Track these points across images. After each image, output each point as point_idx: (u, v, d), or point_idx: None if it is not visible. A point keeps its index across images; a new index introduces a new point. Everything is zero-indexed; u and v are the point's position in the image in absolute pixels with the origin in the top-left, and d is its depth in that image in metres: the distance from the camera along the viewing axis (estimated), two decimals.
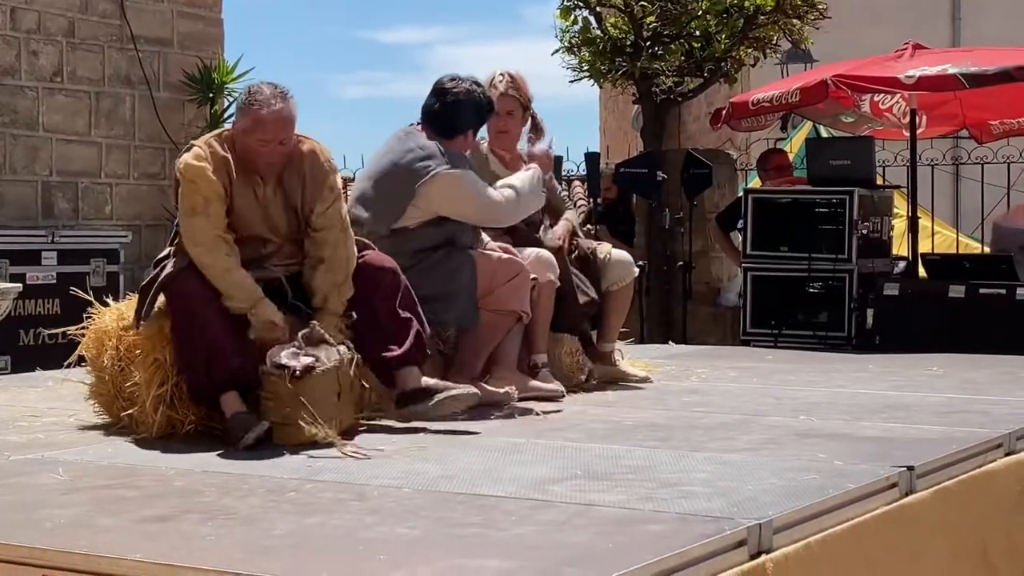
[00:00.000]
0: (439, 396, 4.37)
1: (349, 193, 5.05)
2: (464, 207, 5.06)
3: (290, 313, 4.39)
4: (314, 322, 4.30)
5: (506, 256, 5.13)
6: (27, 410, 4.96)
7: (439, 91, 5.19)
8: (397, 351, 4.42)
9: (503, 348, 5.16)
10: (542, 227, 5.64)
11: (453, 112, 5.15)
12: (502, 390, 4.95)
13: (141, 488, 3.52)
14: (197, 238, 4.28)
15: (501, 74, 5.61)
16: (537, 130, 5.75)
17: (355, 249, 4.49)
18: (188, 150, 4.43)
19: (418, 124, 5.20)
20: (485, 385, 4.97)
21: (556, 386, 5.27)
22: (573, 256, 5.67)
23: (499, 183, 5.26)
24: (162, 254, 4.49)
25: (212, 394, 4.24)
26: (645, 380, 5.85)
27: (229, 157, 4.35)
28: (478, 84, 5.24)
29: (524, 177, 5.31)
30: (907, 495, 3.59)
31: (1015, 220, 8.69)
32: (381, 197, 5.03)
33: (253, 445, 4.03)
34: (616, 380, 5.81)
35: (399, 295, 4.49)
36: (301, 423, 4.05)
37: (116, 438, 4.36)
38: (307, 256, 4.46)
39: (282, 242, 4.46)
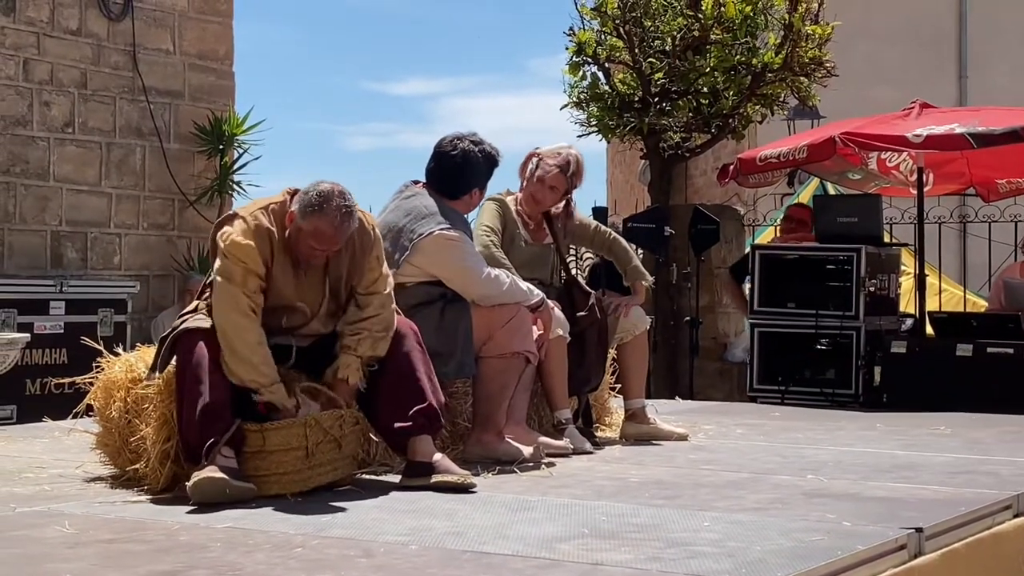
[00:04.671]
0: (437, 478, 4.36)
1: None
2: (450, 270, 5.04)
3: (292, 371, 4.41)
4: (307, 383, 4.35)
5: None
6: (33, 461, 4.97)
7: (439, 155, 5.18)
8: (407, 423, 4.42)
9: (512, 403, 5.13)
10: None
11: (455, 175, 5.16)
12: (528, 449, 4.92)
13: (148, 542, 3.51)
14: (230, 305, 4.25)
15: (571, 154, 5.62)
16: (568, 215, 5.79)
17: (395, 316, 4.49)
18: (230, 220, 4.38)
19: (421, 182, 5.21)
20: (511, 441, 4.96)
21: (568, 443, 5.24)
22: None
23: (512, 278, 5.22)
24: (190, 307, 4.45)
25: (201, 452, 4.16)
26: (683, 438, 5.76)
27: (274, 231, 4.33)
28: (476, 143, 5.18)
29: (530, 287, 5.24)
30: (916, 557, 3.57)
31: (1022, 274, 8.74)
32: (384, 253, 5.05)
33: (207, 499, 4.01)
34: (652, 439, 5.74)
35: (416, 360, 4.49)
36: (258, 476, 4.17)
37: (122, 491, 4.37)
38: (349, 314, 4.45)
39: (312, 315, 4.44)
